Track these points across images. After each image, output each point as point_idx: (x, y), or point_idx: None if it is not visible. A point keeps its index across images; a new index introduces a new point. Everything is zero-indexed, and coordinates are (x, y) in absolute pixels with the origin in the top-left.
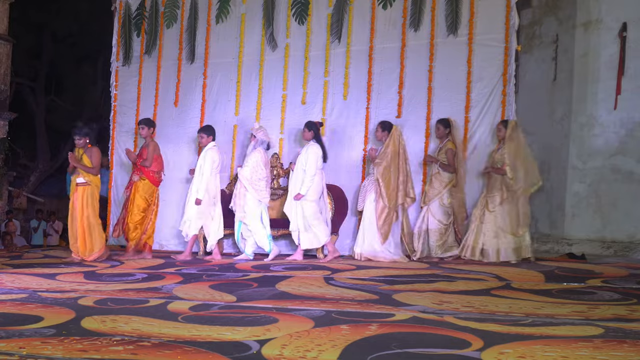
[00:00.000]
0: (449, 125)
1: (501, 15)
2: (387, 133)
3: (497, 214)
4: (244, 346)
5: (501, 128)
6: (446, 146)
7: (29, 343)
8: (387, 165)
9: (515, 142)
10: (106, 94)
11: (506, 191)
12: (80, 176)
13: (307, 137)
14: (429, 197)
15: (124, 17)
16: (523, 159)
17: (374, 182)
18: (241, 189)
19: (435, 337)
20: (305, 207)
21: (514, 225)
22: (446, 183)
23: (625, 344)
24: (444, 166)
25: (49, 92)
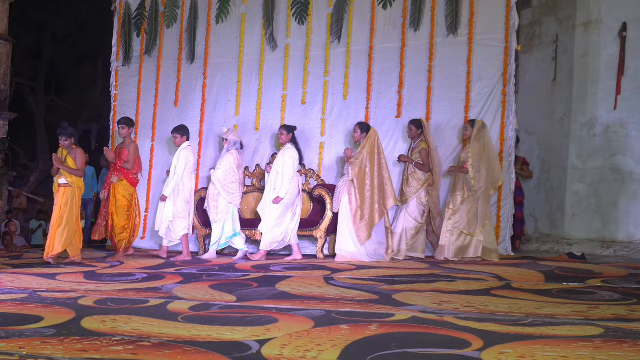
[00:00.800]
0: (421, 126)
1: (501, 15)
2: (365, 135)
3: (457, 212)
4: (244, 346)
5: (468, 127)
6: (420, 146)
7: (29, 343)
8: (362, 166)
9: (481, 142)
10: (106, 94)
11: (467, 191)
12: (63, 177)
13: (284, 140)
14: (406, 196)
15: (124, 17)
16: (487, 159)
17: (349, 182)
18: (214, 191)
19: (435, 337)
20: (275, 209)
21: (472, 224)
22: (423, 182)
23: (625, 344)
24: (419, 166)
25: (49, 92)
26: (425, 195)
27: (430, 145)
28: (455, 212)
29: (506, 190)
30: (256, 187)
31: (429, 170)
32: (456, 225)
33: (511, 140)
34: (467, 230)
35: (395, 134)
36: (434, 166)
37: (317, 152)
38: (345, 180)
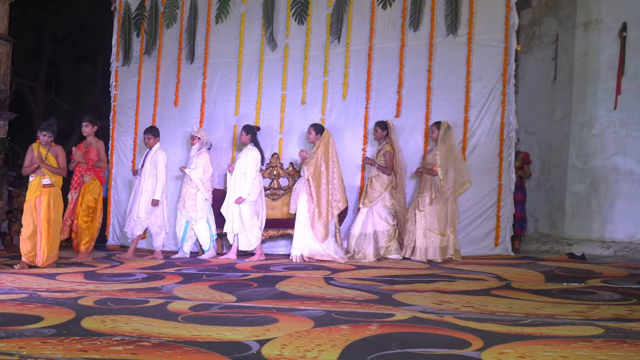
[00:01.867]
0: (386, 128)
1: (501, 15)
2: (319, 136)
3: (427, 214)
4: (244, 346)
5: (434, 129)
6: (384, 148)
7: (29, 343)
8: (318, 165)
9: (447, 143)
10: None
11: (435, 192)
12: (46, 177)
13: (245, 141)
14: (369, 199)
15: (123, 17)
16: (454, 161)
17: (305, 182)
18: (191, 189)
19: (435, 337)
20: (243, 209)
21: (442, 224)
22: (386, 185)
23: (625, 344)
24: (382, 168)
25: (49, 92)
26: (390, 199)
27: (395, 148)
28: (425, 213)
29: (506, 190)
30: None
31: (392, 172)
32: (428, 227)
33: (511, 140)
34: (439, 231)
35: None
36: (398, 169)
37: None
38: (302, 181)
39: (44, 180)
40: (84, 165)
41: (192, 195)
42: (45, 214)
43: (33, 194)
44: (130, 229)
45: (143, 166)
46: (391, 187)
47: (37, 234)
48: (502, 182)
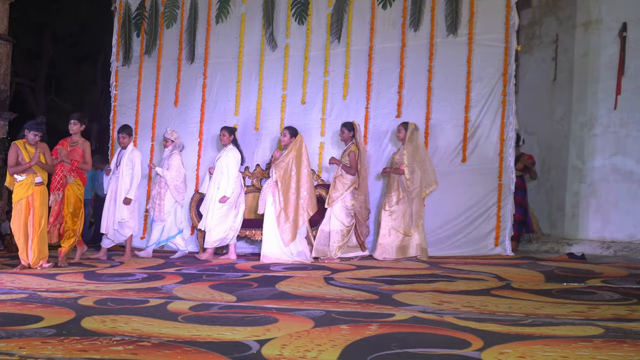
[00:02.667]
0: (352, 129)
1: (501, 15)
2: (293, 139)
3: (392, 213)
4: (244, 346)
5: (401, 129)
6: (349, 149)
7: (29, 343)
8: (288, 169)
9: (414, 144)
10: (106, 94)
11: (402, 191)
12: (38, 176)
13: (226, 142)
14: (332, 199)
15: (124, 17)
16: (420, 161)
17: (273, 184)
18: (161, 190)
19: (435, 337)
20: (222, 208)
21: (406, 224)
22: (348, 185)
23: (625, 344)
24: (346, 168)
25: (49, 92)
26: (351, 199)
27: (360, 149)
28: (391, 212)
29: (506, 190)
30: (256, 187)
31: (356, 172)
32: (393, 226)
33: (511, 140)
34: (403, 230)
35: (395, 134)
36: (362, 169)
37: (317, 152)
38: (269, 183)
39: (37, 179)
40: (67, 165)
41: (162, 196)
42: (38, 212)
43: (25, 193)
44: (115, 231)
45: (118, 166)
46: (353, 188)
47: (29, 233)
48: (502, 182)
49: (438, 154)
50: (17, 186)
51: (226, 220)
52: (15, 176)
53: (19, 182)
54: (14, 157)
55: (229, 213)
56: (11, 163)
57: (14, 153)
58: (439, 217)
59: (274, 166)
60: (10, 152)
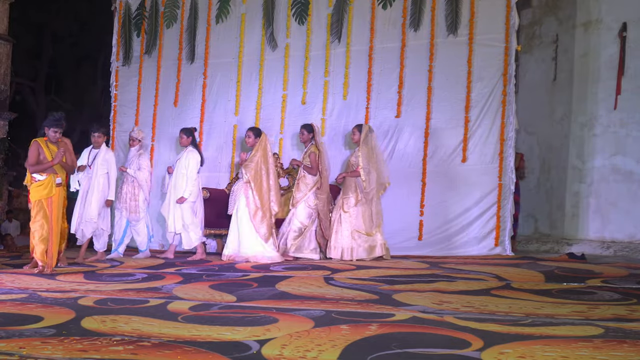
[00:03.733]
0: (312, 131)
1: (501, 15)
2: (257, 139)
3: (352, 215)
4: (244, 346)
5: (356, 132)
6: (310, 150)
7: (29, 343)
8: (258, 168)
9: (369, 145)
10: (106, 94)
11: (360, 193)
12: (59, 176)
13: (184, 143)
14: (296, 200)
15: (124, 17)
16: (375, 162)
17: (245, 184)
18: (134, 190)
19: (435, 337)
20: (184, 209)
21: (368, 225)
22: (311, 186)
23: (625, 344)
24: (308, 169)
25: (49, 92)
26: (314, 199)
27: (320, 149)
28: (350, 214)
29: (506, 190)
30: None
31: (317, 173)
32: (354, 228)
33: (511, 140)
34: (365, 231)
35: (395, 134)
36: (323, 170)
37: None
38: (240, 183)
39: (57, 180)
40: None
41: (135, 196)
42: (56, 214)
43: (47, 194)
44: (81, 230)
45: (92, 166)
46: (316, 188)
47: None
48: (502, 182)
49: (438, 154)
50: (37, 186)
51: (196, 219)
52: (34, 175)
53: (38, 182)
54: (35, 155)
55: (195, 212)
56: (32, 161)
57: (35, 151)
58: (439, 217)
59: (244, 167)
60: (31, 150)
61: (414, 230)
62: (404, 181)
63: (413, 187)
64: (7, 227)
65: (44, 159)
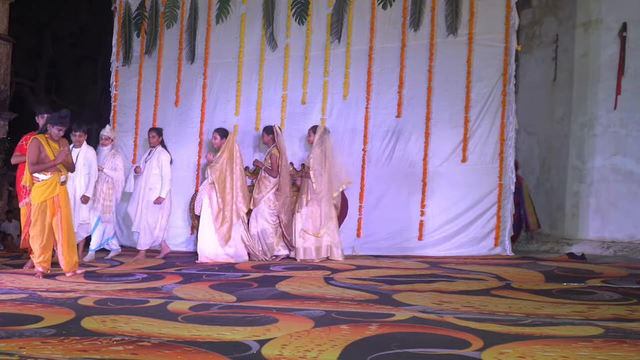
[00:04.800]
0: (272, 132)
1: (501, 15)
2: (224, 140)
3: (303, 215)
4: (244, 346)
5: (311, 133)
6: (271, 152)
7: (29, 343)
8: (223, 170)
9: (323, 147)
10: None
11: (311, 194)
12: (63, 174)
13: (155, 143)
14: (257, 200)
15: (124, 17)
16: (329, 164)
17: (209, 185)
18: (108, 190)
19: (435, 337)
20: (154, 209)
21: (316, 225)
22: (271, 187)
23: (625, 344)
24: (268, 170)
25: (49, 92)
26: (274, 200)
27: (281, 151)
28: (302, 214)
29: (506, 190)
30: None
31: (277, 174)
32: (303, 227)
33: (511, 140)
34: (312, 231)
35: (395, 134)
36: (283, 171)
37: None
38: (206, 184)
39: (62, 178)
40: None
41: (110, 196)
42: (65, 214)
43: (50, 194)
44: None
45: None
46: (275, 189)
47: (58, 237)
48: (502, 182)
49: (438, 154)
50: (39, 186)
51: (160, 221)
52: (36, 175)
53: (41, 182)
54: (36, 153)
55: (163, 213)
56: (33, 160)
57: (36, 149)
58: (439, 217)
59: (209, 168)
60: (31, 148)
61: (414, 230)
62: (404, 181)
63: (413, 187)
64: (7, 227)
65: (46, 157)
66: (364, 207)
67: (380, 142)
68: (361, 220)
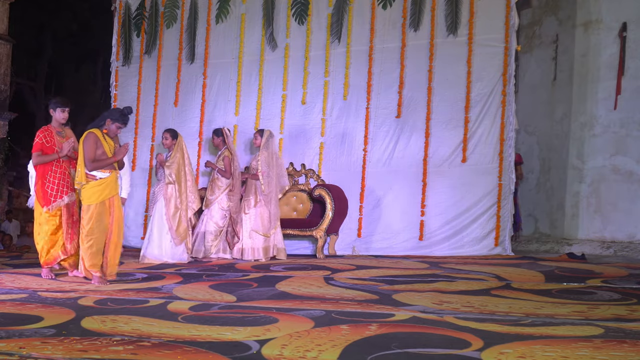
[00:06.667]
0: (221, 135)
1: (501, 15)
2: (175, 141)
3: (251, 216)
4: (244, 346)
5: (257, 136)
6: (223, 154)
7: (29, 343)
8: (179, 170)
9: (269, 150)
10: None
11: (259, 195)
12: (119, 172)
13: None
14: (209, 201)
15: (124, 17)
16: (275, 166)
17: (165, 186)
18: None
19: (435, 337)
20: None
21: (265, 226)
22: (224, 188)
23: (625, 344)
24: (222, 172)
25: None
26: (227, 201)
27: (232, 153)
28: (250, 215)
29: (506, 190)
30: None
31: (230, 176)
32: (252, 228)
33: (511, 140)
34: (262, 232)
35: (395, 134)
36: (235, 172)
37: (317, 152)
38: (161, 185)
39: (119, 176)
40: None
41: None
42: (118, 215)
43: (109, 193)
44: None
45: None
46: (229, 190)
47: (108, 239)
48: (502, 182)
49: (438, 154)
50: (97, 185)
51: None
52: (93, 173)
53: (99, 181)
54: (94, 149)
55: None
56: (90, 156)
57: (93, 144)
58: (439, 217)
59: (167, 168)
60: (88, 144)
61: (414, 230)
62: (404, 181)
63: (413, 187)
64: (7, 227)
65: (103, 153)
66: (364, 207)
67: (381, 142)
68: (361, 220)
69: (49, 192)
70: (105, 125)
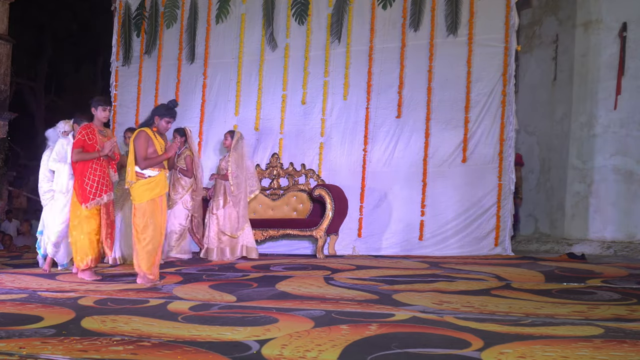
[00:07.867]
0: (184, 134)
1: (501, 15)
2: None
3: (219, 216)
4: (244, 346)
5: (228, 137)
6: (184, 153)
7: (29, 343)
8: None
9: (239, 152)
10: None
11: (228, 195)
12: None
13: None
14: (173, 201)
15: (123, 17)
16: (244, 168)
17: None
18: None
19: (435, 337)
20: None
21: (233, 226)
22: (187, 187)
23: (625, 344)
24: (184, 172)
25: (49, 92)
26: (190, 200)
27: (194, 152)
28: (218, 216)
29: (506, 190)
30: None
31: (192, 176)
32: (220, 229)
33: (511, 140)
34: (230, 232)
35: (395, 134)
36: (197, 172)
37: (317, 152)
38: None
39: (167, 174)
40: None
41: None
42: (164, 215)
43: (160, 191)
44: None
45: None
46: (192, 190)
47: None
48: (502, 182)
49: (438, 154)
50: (146, 183)
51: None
52: (143, 172)
53: (148, 179)
54: (145, 147)
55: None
56: (142, 154)
57: (144, 143)
58: (439, 217)
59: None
60: (140, 142)
61: (414, 230)
62: (404, 181)
63: (413, 187)
64: (7, 227)
65: (154, 152)
66: (365, 207)
67: (381, 142)
68: (361, 220)
69: (88, 189)
70: (155, 123)
